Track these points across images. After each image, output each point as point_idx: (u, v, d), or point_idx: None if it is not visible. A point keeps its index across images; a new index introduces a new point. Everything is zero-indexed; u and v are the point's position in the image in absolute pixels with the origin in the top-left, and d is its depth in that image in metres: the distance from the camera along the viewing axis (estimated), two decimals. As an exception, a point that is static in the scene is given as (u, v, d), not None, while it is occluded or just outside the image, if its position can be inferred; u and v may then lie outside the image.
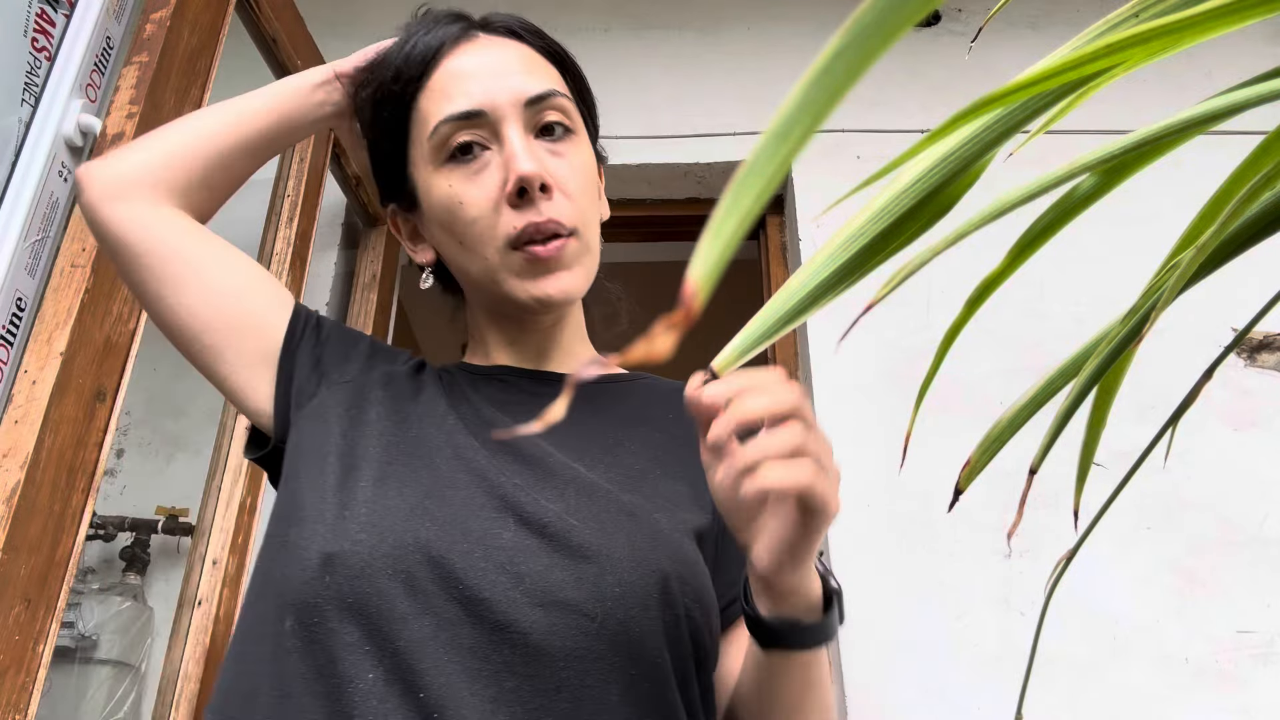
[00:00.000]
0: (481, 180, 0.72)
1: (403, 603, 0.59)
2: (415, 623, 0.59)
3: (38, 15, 1.05)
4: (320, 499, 0.65)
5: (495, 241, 0.71)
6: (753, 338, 0.24)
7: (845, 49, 0.21)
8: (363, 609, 0.59)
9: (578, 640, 0.60)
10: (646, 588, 0.62)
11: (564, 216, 0.71)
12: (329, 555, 0.61)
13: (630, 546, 0.63)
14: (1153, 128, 0.27)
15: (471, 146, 0.72)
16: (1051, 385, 0.37)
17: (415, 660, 0.58)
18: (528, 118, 0.73)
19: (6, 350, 0.94)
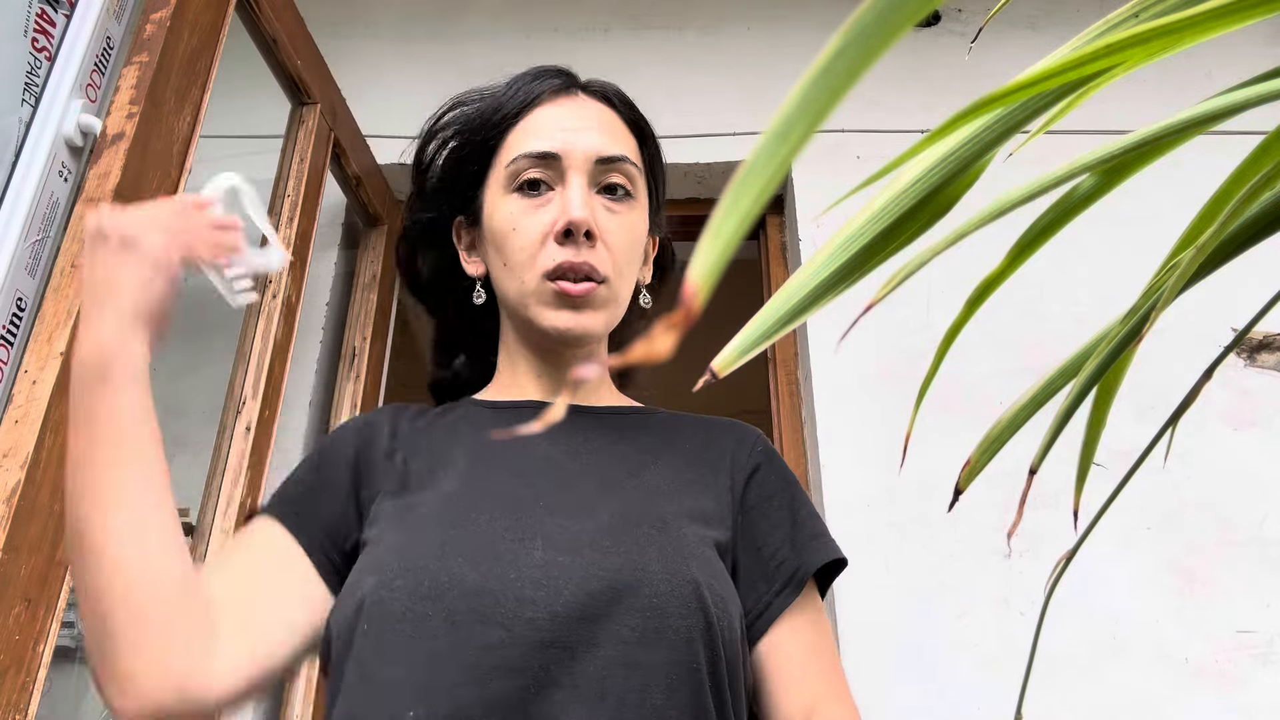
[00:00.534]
0: (539, 214, 0.79)
1: (443, 636, 0.62)
2: (459, 653, 0.61)
3: (38, 15, 1.05)
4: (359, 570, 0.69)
5: (534, 269, 0.78)
6: (753, 338, 0.24)
7: (845, 49, 0.21)
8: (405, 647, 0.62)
9: (619, 649, 0.62)
10: (682, 597, 0.65)
11: (600, 265, 0.78)
12: (366, 598, 0.64)
13: (662, 558, 0.66)
14: (1153, 128, 0.27)
15: (539, 184, 0.80)
16: (1051, 385, 0.37)
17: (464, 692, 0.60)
18: (595, 173, 0.81)
19: (7, 350, 0.94)
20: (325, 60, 1.62)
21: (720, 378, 0.24)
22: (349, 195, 1.78)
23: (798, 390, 1.72)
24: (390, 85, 1.94)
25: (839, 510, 1.50)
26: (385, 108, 1.83)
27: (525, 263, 0.78)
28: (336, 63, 1.66)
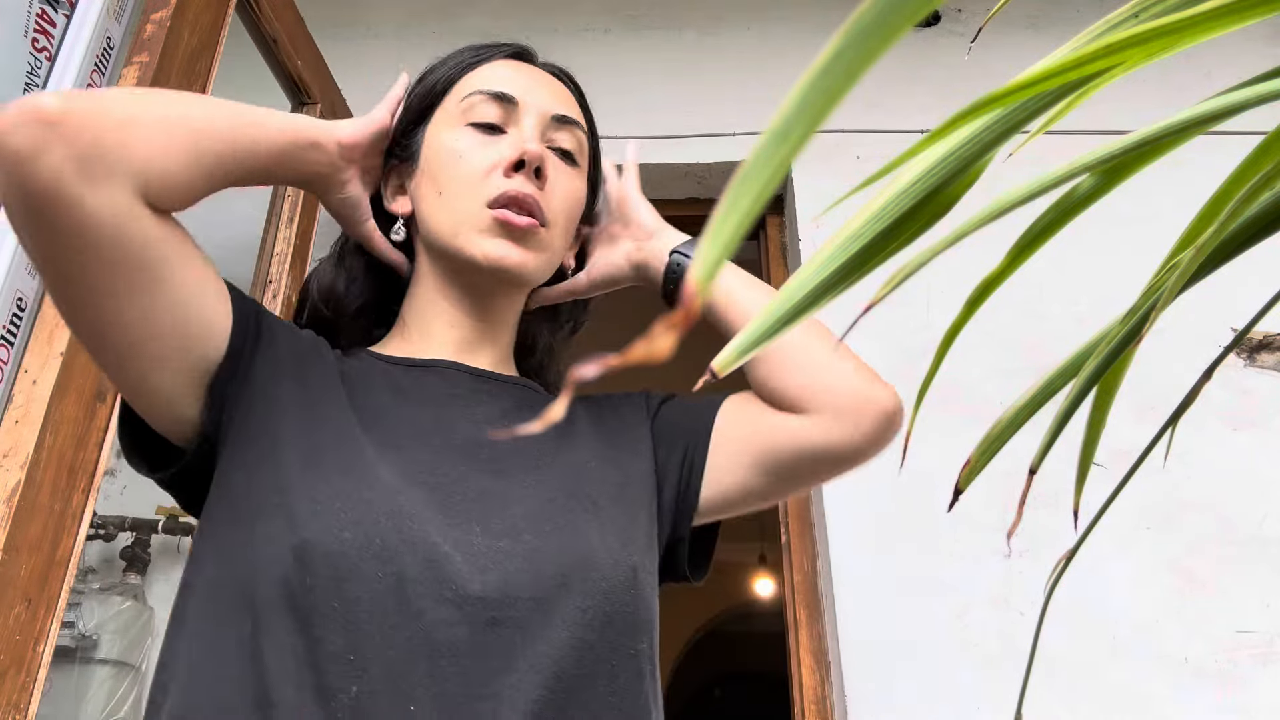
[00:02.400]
0: (488, 148, 0.77)
1: (392, 608, 0.58)
2: (406, 628, 0.58)
3: (38, 15, 1.05)
4: (280, 490, 0.62)
5: (476, 196, 0.75)
6: (753, 338, 0.24)
7: (845, 49, 0.21)
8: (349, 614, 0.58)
9: (572, 632, 0.62)
10: (625, 582, 0.65)
11: (546, 208, 0.76)
12: (306, 544, 0.59)
13: (604, 542, 0.67)
14: (1152, 128, 0.27)
15: (493, 127, 0.78)
16: (1051, 385, 0.37)
17: (407, 668, 0.57)
18: (548, 128, 0.80)
19: (7, 350, 0.94)
20: (325, 60, 1.62)
21: (720, 378, 0.24)
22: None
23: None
24: (390, 85, 1.94)
25: (839, 510, 1.50)
26: (385, 108, 1.83)
27: (466, 190, 0.75)
28: (336, 63, 1.66)
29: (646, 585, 0.68)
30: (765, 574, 5.23)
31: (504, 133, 0.78)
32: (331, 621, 0.57)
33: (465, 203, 0.75)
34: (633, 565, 0.67)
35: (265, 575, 0.59)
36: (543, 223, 0.76)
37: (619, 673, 0.63)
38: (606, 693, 0.62)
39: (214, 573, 0.63)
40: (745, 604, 5.53)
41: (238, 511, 0.64)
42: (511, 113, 0.78)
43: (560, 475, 0.72)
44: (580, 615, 0.62)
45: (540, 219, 0.75)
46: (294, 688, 0.56)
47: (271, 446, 0.65)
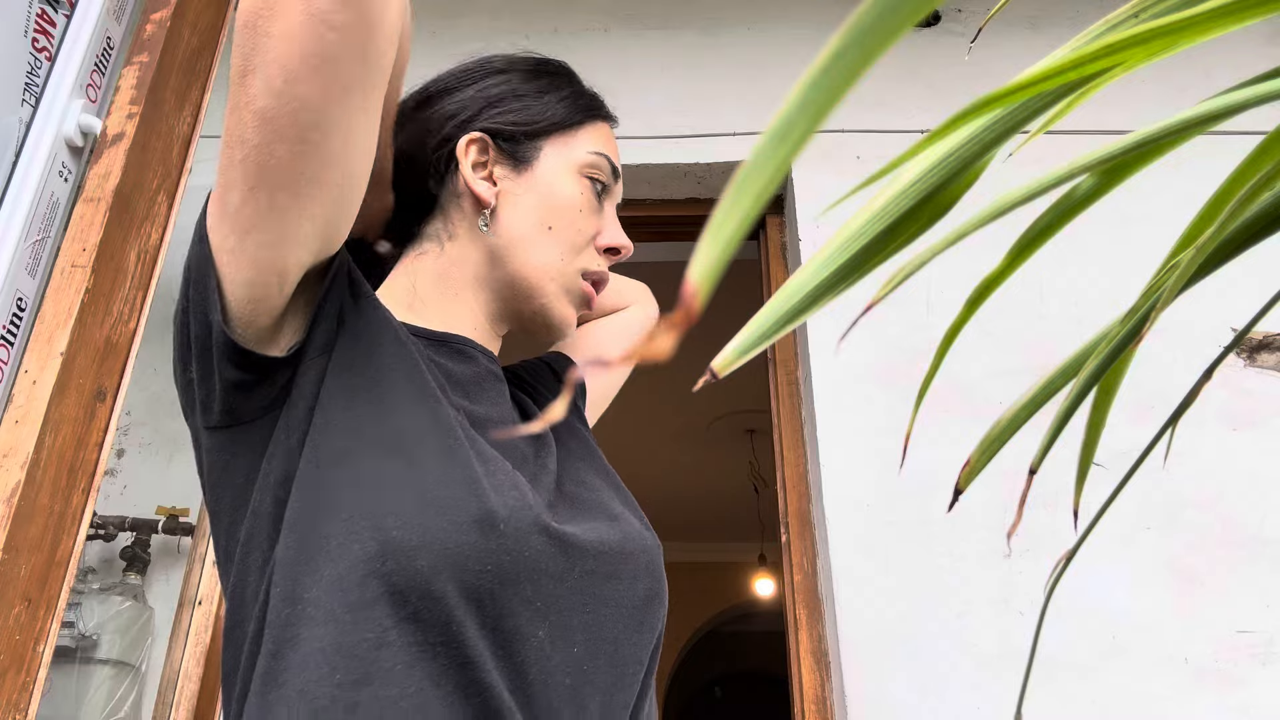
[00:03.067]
0: (597, 215, 0.81)
1: (556, 559, 0.63)
2: (566, 576, 0.63)
3: (38, 15, 1.05)
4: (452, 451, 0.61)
5: (577, 259, 0.78)
6: (753, 338, 0.24)
7: (845, 49, 0.21)
8: (533, 567, 0.61)
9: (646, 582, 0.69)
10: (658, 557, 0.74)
11: None
12: (490, 512, 0.58)
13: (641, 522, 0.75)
14: (1152, 128, 0.27)
15: (601, 191, 0.81)
16: (1051, 385, 0.37)
17: (571, 615, 0.62)
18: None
19: (7, 350, 0.94)
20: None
21: (720, 378, 0.24)
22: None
23: (798, 390, 1.72)
24: (390, 85, 1.94)
25: (839, 510, 1.50)
26: (385, 108, 1.83)
27: (574, 248, 0.77)
28: (336, 63, 1.65)
29: None
30: (765, 574, 5.23)
31: (606, 201, 0.83)
32: (522, 570, 0.60)
33: (566, 260, 0.77)
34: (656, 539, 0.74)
35: (455, 525, 0.57)
36: None
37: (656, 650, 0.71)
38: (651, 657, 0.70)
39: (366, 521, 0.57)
40: (745, 604, 5.53)
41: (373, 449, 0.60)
42: (611, 190, 0.83)
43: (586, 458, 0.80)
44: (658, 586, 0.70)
45: None
46: (488, 629, 0.58)
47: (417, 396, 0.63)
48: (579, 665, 0.61)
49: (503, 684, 0.57)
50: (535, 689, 0.59)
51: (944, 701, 1.35)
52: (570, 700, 0.60)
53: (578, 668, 0.61)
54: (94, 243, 0.98)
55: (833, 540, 1.47)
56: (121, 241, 1.02)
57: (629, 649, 0.64)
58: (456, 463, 0.60)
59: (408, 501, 0.57)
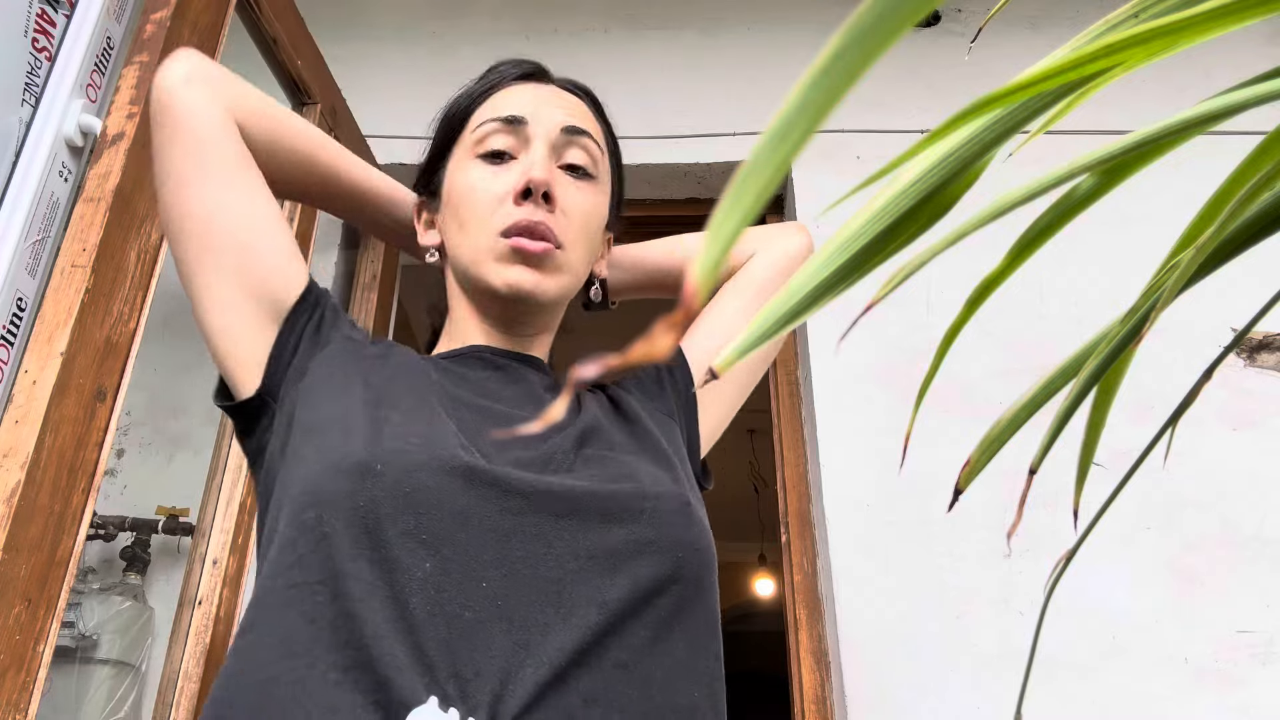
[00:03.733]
0: (500, 177, 0.80)
1: (462, 496, 0.62)
2: (475, 513, 0.62)
3: (38, 15, 1.05)
4: (348, 413, 0.68)
5: (490, 227, 0.78)
6: (753, 338, 0.24)
7: (845, 49, 0.21)
8: (418, 500, 0.62)
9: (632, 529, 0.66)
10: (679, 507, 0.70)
11: (558, 229, 0.79)
12: (372, 454, 0.63)
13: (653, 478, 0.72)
14: (1152, 128, 0.27)
15: (503, 155, 0.81)
16: (1051, 385, 0.37)
17: (477, 550, 0.61)
18: (559, 143, 0.82)
19: (7, 350, 0.94)
20: (325, 60, 1.62)
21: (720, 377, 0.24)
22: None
23: (798, 390, 1.72)
24: (390, 85, 1.94)
25: (839, 510, 1.50)
26: (385, 108, 1.83)
27: (482, 221, 0.79)
28: (336, 63, 1.66)
29: (699, 511, 0.72)
30: (765, 574, 5.23)
31: (515, 158, 0.81)
32: (402, 505, 0.61)
33: (482, 234, 0.79)
34: (685, 496, 0.71)
35: (334, 470, 0.63)
36: (557, 244, 0.78)
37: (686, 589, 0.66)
38: (674, 604, 0.65)
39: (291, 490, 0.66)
40: (745, 604, 5.53)
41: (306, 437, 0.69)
42: (521, 136, 0.81)
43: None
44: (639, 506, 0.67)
45: (554, 241, 0.78)
46: (366, 563, 0.59)
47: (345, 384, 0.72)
48: (490, 599, 0.59)
49: (381, 615, 0.58)
50: (418, 618, 0.58)
51: (944, 701, 1.35)
52: (471, 633, 0.58)
53: (487, 602, 0.59)
54: (94, 243, 0.98)
55: (833, 540, 1.47)
56: (121, 241, 1.02)
57: (582, 590, 0.61)
58: (345, 428, 0.67)
59: (308, 468, 0.66)
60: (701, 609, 0.67)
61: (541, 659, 0.57)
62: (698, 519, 0.70)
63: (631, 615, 0.62)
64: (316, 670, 0.56)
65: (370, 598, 0.58)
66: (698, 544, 0.68)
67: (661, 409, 0.86)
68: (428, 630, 0.57)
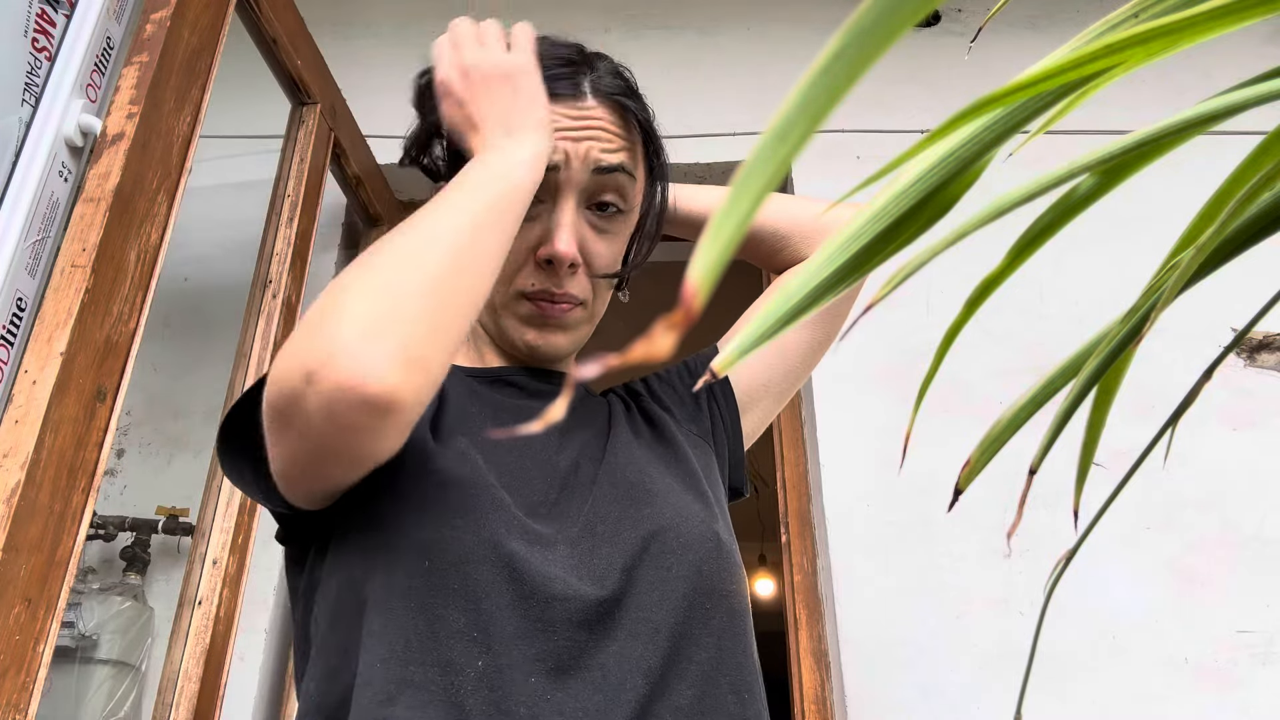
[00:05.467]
0: (527, 227, 0.75)
1: (508, 590, 0.61)
2: (521, 607, 0.61)
3: (38, 15, 1.05)
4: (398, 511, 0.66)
5: (511, 284, 0.76)
6: (753, 338, 0.24)
7: (845, 49, 0.21)
8: (469, 595, 0.61)
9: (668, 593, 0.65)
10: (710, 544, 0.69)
11: (580, 291, 0.77)
12: (424, 536, 0.62)
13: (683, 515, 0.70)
14: (1152, 128, 0.27)
15: (536, 200, 0.74)
16: (1051, 385, 0.37)
17: (525, 646, 0.60)
18: (589, 187, 0.77)
19: (7, 350, 0.94)
20: (325, 60, 1.62)
21: (720, 378, 0.24)
22: (349, 195, 1.78)
23: (798, 390, 1.73)
24: (390, 85, 1.94)
25: (839, 510, 1.50)
26: (385, 108, 1.83)
27: (504, 274, 0.75)
28: (336, 63, 1.66)
29: (730, 546, 0.71)
30: (765, 574, 5.23)
31: (543, 202, 0.75)
32: (453, 600, 0.60)
33: (504, 286, 0.76)
34: (716, 532, 0.69)
35: (384, 568, 0.62)
36: (579, 303, 0.77)
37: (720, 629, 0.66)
38: (714, 648, 0.64)
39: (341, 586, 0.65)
40: (745, 604, 5.52)
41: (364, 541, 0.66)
42: (551, 180, 0.75)
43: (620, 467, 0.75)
44: (672, 580, 0.65)
45: (575, 301, 0.77)
46: (420, 665, 0.59)
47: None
48: (541, 695, 0.59)
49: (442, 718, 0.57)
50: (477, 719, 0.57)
51: (944, 701, 1.35)
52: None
53: (539, 698, 0.59)
54: (94, 243, 0.98)
55: (833, 540, 1.47)
56: (121, 241, 1.02)
57: (625, 665, 0.61)
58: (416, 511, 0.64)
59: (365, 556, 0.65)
60: (743, 654, 0.68)
61: None
62: (728, 554, 0.70)
63: (675, 676, 0.62)
64: None
65: (429, 704, 0.58)
66: (729, 585, 0.68)
67: (697, 430, 0.85)
68: None
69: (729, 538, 0.72)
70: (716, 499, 0.78)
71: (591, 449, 0.76)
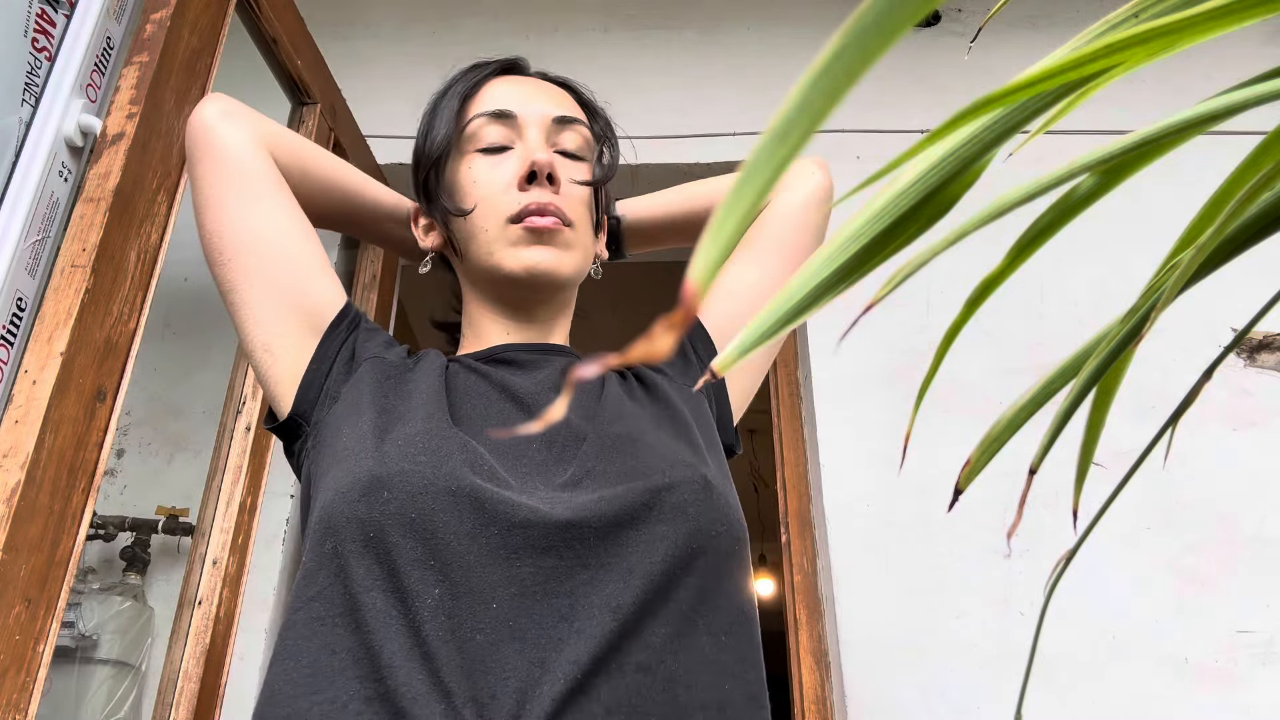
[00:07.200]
0: (500, 168, 0.82)
1: (468, 519, 0.62)
2: (481, 535, 0.62)
3: (38, 15, 1.05)
4: (359, 439, 0.69)
5: (499, 215, 0.80)
6: (753, 338, 0.24)
7: (845, 49, 0.21)
8: (424, 526, 0.62)
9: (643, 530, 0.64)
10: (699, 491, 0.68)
11: (566, 208, 0.80)
12: (377, 477, 0.64)
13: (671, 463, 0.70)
14: (1152, 128, 0.27)
15: (500, 148, 0.83)
16: (1051, 385, 0.37)
17: (485, 572, 0.61)
18: (551, 132, 0.84)
19: (6, 350, 0.94)
20: (325, 60, 1.62)
21: (720, 377, 0.24)
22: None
23: (798, 390, 1.72)
24: (391, 85, 1.94)
25: (839, 510, 1.50)
26: (385, 108, 1.83)
27: (488, 211, 0.80)
28: (336, 63, 1.66)
29: (721, 488, 0.70)
30: (765, 574, 5.23)
31: (510, 148, 0.83)
32: (408, 530, 0.62)
33: (491, 221, 0.80)
34: (704, 475, 0.69)
35: (343, 498, 0.64)
36: (566, 222, 0.80)
37: (703, 570, 0.64)
38: (694, 589, 0.63)
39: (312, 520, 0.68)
40: (745, 604, 5.52)
41: (323, 469, 0.71)
42: (514, 127, 0.83)
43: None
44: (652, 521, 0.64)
45: (563, 218, 0.80)
46: (380, 593, 0.60)
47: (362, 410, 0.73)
48: (501, 621, 0.59)
49: (396, 644, 0.58)
50: (432, 646, 0.58)
51: (944, 701, 1.35)
52: (484, 656, 0.58)
53: (498, 623, 0.59)
54: (94, 243, 0.98)
55: (833, 540, 1.47)
56: (121, 241, 1.02)
57: (594, 599, 0.60)
58: (355, 454, 0.67)
59: (325, 497, 0.66)
60: (725, 597, 0.65)
61: (557, 674, 0.57)
62: (718, 500, 0.68)
63: (648, 615, 0.61)
64: (339, 703, 0.57)
65: (385, 628, 0.59)
66: (715, 528, 0.66)
67: (689, 382, 0.85)
68: (442, 657, 0.58)
69: (720, 480, 0.71)
70: (709, 443, 0.77)
71: (585, 405, 0.76)
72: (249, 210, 0.81)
